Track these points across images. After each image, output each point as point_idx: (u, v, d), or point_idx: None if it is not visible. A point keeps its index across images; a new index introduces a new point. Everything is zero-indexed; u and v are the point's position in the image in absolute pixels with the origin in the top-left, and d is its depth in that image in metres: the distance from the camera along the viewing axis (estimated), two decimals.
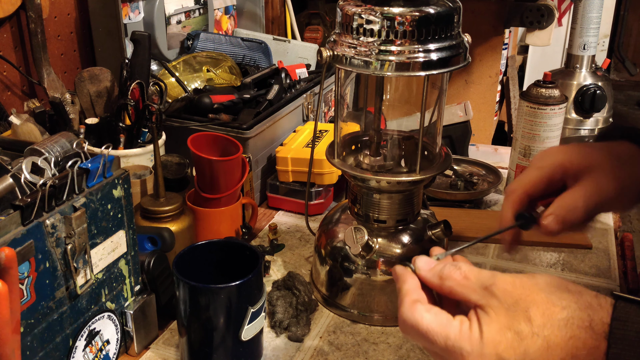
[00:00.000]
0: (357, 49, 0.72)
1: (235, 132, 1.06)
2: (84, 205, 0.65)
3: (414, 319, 0.48)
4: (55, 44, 1.21)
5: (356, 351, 0.79)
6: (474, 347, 0.46)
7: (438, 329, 0.47)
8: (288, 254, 1.00)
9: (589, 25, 1.53)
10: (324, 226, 0.90)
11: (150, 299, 0.78)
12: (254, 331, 0.73)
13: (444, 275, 0.50)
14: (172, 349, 0.79)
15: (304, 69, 1.40)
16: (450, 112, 1.34)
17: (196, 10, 1.49)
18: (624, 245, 1.03)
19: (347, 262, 0.84)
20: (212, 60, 1.39)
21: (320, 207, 1.12)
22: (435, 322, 0.48)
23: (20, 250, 0.57)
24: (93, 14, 1.22)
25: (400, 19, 0.70)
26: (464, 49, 0.74)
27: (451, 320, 0.48)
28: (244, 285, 0.69)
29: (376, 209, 0.83)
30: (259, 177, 1.14)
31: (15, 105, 1.15)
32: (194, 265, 0.74)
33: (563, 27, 1.88)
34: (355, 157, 0.88)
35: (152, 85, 1.05)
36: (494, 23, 1.44)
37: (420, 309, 0.49)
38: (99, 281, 0.70)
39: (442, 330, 0.47)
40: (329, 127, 1.21)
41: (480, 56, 1.49)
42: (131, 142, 0.99)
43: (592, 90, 1.55)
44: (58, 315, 0.65)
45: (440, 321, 0.48)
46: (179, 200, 0.88)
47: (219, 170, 0.93)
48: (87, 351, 0.70)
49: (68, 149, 0.83)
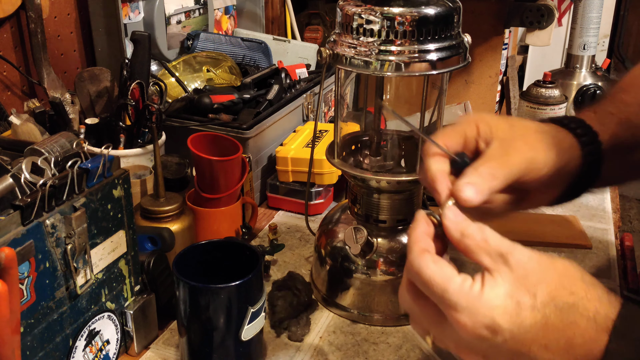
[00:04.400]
0: (357, 49, 0.72)
1: (235, 132, 1.06)
2: (84, 205, 0.65)
3: (419, 266, 0.48)
4: (55, 44, 1.21)
5: (356, 351, 0.79)
6: (469, 304, 0.45)
7: (440, 280, 0.46)
8: (288, 254, 1.00)
9: (589, 25, 1.52)
10: (324, 226, 0.90)
11: (150, 299, 0.78)
12: (254, 331, 0.73)
13: (466, 233, 0.49)
14: (172, 349, 0.79)
15: (304, 69, 1.40)
16: (450, 112, 1.34)
17: (196, 10, 1.49)
18: (624, 245, 1.03)
19: (347, 262, 0.84)
20: (212, 60, 1.39)
21: (320, 207, 1.12)
22: (438, 274, 0.47)
23: (20, 250, 0.57)
24: (93, 14, 1.22)
25: (400, 19, 0.70)
26: (464, 49, 0.74)
27: (455, 276, 0.47)
28: (244, 285, 0.69)
29: (376, 209, 0.83)
30: (259, 177, 1.14)
31: (15, 105, 1.15)
32: (194, 265, 0.74)
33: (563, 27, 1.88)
34: (355, 157, 0.88)
35: (152, 85, 1.04)
36: (494, 23, 1.44)
37: (428, 258, 0.48)
38: (99, 281, 0.70)
39: (443, 282, 0.46)
40: (329, 127, 1.21)
41: (480, 56, 1.49)
42: (131, 142, 0.99)
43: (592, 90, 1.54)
44: (58, 315, 0.65)
45: (444, 273, 0.47)
46: (179, 200, 0.88)
47: (219, 170, 0.93)
48: (87, 351, 0.70)
49: (68, 149, 0.83)
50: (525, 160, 0.55)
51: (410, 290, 0.50)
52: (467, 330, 0.45)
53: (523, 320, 0.44)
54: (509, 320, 0.44)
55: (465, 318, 0.45)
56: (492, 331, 0.45)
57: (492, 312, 0.44)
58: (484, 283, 0.46)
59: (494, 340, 0.45)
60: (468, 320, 0.45)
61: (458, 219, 0.50)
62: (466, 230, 0.49)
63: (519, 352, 0.45)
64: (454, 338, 0.48)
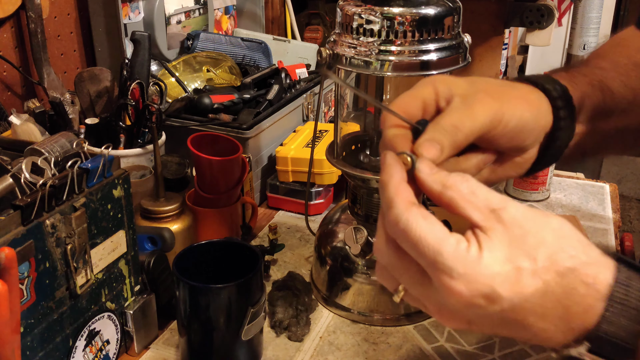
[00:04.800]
0: (357, 49, 0.72)
1: (235, 132, 1.06)
2: (84, 205, 0.65)
3: (406, 223, 0.41)
4: (55, 44, 1.21)
5: (356, 351, 0.79)
6: (467, 270, 0.40)
7: (432, 241, 0.40)
8: (288, 254, 1.00)
9: (589, 25, 1.53)
10: (324, 226, 0.90)
11: (150, 299, 0.78)
12: (254, 331, 0.73)
13: (448, 184, 0.43)
14: (172, 349, 0.79)
15: (304, 69, 1.40)
16: None
17: (196, 10, 1.49)
18: (624, 246, 1.03)
19: (347, 262, 0.84)
20: (212, 60, 1.39)
21: (320, 207, 1.12)
22: (430, 233, 0.41)
23: (20, 250, 0.57)
24: (93, 14, 1.22)
25: (400, 19, 0.70)
26: (464, 49, 0.74)
27: (448, 236, 0.41)
28: (244, 285, 0.69)
29: (376, 209, 0.83)
30: (259, 177, 1.14)
31: (15, 105, 1.15)
32: (194, 265, 0.74)
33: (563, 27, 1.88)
34: (355, 157, 0.88)
35: (152, 85, 1.04)
36: (494, 23, 1.44)
37: (416, 213, 0.41)
38: (99, 281, 0.70)
39: (436, 243, 0.40)
40: (329, 127, 1.21)
41: (480, 56, 1.49)
42: (131, 142, 0.99)
43: None
44: (58, 315, 0.65)
45: (436, 233, 0.41)
46: (179, 200, 0.88)
47: (219, 170, 0.93)
48: (87, 351, 0.70)
49: (68, 149, 0.83)
50: (490, 111, 0.49)
51: (390, 246, 0.44)
52: (461, 298, 0.40)
53: (523, 288, 0.40)
54: (510, 289, 0.40)
55: (461, 285, 0.40)
56: (490, 300, 0.40)
57: (492, 280, 0.40)
58: (481, 245, 0.41)
59: (488, 309, 0.41)
60: (464, 288, 0.40)
61: (434, 170, 0.44)
62: (447, 181, 0.43)
63: (512, 321, 0.42)
64: (436, 301, 0.43)
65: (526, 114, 0.51)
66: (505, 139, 0.51)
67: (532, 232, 0.41)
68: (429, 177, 0.44)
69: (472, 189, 0.42)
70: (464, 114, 0.48)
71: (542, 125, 0.54)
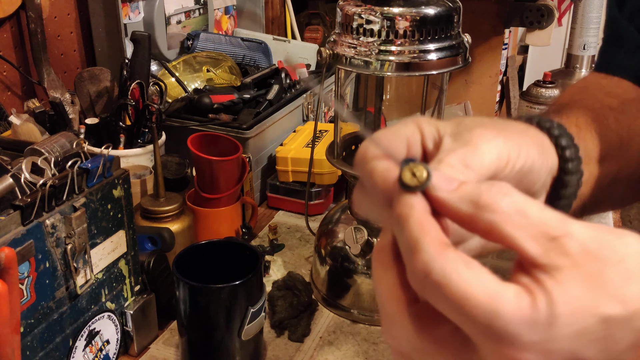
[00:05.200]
0: (357, 49, 0.72)
1: (235, 132, 1.06)
2: (84, 205, 0.65)
3: (442, 273, 0.28)
4: (55, 44, 1.21)
5: (356, 351, 0.79)
6: (539, 336, 0.28)
7: (483, 298, 0.28)
8: (288, 254, 1.00)
9: (589, 25, 1.52)
10: (324, 226, 0.90)
11: (150, 299, 0.78)
12: (254, 331, 0.73)
13: (483, 202, 0.30)
14: (172, 349, 0.79)
15: (304, 69, 1.40)
16: (450, 112, 1.34)
17: (196, 10, 1.49)
18: None
19: (347, 262, 0.84)
20: (212, 60, 1.39)
21: (320, 207, 1.12)
22: (479, 286, 0.28)
23: (20, 250, 0.57)
24: (93, 14, 1.22)
25: (400, 19, 0.70)
26: (464, 49, 0.74)
27: (503, 288, 0.28)
28: (244, 285, 0.69)
29: None
30: (259, 177, 1.14)
31: (15, 105, 1.15)
32: (194, 265, 0.74)
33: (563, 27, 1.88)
34: (355, 157, 0.88)
35: (152, 85, 1.04)
36: (494, 23, 1.44)
37: (455, 259, 0.29)
38: (99, 281, 0.70)
39: (489, 300, 0.28)
40: (329, 127, 1.21)
41: (480, 56, 1.49)
42: (131, 142, 0.99)
43: None
44: (58, 315, 0.65)
45: (487, 285, 0.28)
46: (179, 200, 0.88)
47: (219, 170, 0.93)
48: (87, 351, 0.70)
49: (68, 149, 0.83)
50: (495, 147, 0.36)
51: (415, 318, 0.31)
52: None
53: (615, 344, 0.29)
54: (599, 351, 0.29)
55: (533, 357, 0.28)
56: None
57: (572, 344, 0.29)
58: (552, 296, 0.28)
59: None
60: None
61: (454, 184, 0.31)
62: (480, 197, 0.30)
63: None
64: None
65: (532, 151, 0.39)
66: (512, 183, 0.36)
67: (611, 262, 0.29)
68: (452, 196, 0.31)
69: (518, 206, 0.30)
70: (467, 150, 0.35)
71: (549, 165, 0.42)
